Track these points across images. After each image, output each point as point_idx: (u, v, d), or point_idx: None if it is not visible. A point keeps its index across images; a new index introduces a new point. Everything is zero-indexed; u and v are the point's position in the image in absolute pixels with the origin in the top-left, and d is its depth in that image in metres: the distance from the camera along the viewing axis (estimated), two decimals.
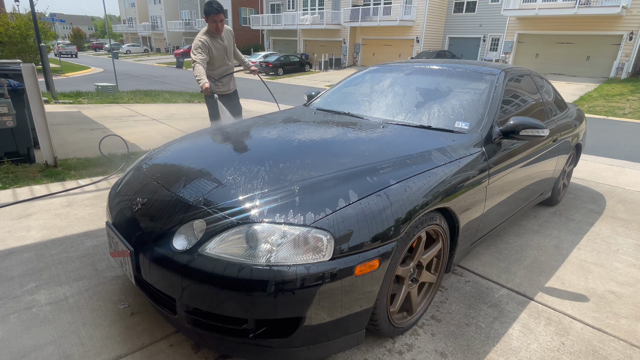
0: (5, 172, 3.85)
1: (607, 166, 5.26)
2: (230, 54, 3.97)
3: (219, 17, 3.61)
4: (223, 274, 1.37)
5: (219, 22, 3.62)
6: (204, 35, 3.69)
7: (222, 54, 3.83)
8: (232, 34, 3.96)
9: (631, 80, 16.42)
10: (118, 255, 1.74)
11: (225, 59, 3.90)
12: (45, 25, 20.52)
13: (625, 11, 17.06)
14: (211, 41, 3.70)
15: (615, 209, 3.68)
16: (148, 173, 1.97)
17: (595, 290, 2.37)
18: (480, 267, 2.57)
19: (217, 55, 3.80)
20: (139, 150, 4.97)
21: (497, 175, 2.25)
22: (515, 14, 19.77)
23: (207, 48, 3.65)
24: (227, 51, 3.87)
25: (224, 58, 3.87)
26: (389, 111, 2.62)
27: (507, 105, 2.59)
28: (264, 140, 2.19)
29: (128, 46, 48.54)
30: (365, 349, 1.81)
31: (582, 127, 3.81)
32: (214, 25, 3.62)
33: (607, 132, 8.25)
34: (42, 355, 1.68)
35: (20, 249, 2.52)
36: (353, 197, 1.56)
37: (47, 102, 8.49)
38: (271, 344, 1.45)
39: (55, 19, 19.04)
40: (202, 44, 3.64)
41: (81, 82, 16.45)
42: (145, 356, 1.70)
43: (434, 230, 1.91)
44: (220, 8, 3.60)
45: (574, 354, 1.83)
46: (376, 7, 24.87)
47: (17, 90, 4.09)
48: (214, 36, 3.73)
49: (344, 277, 1.43)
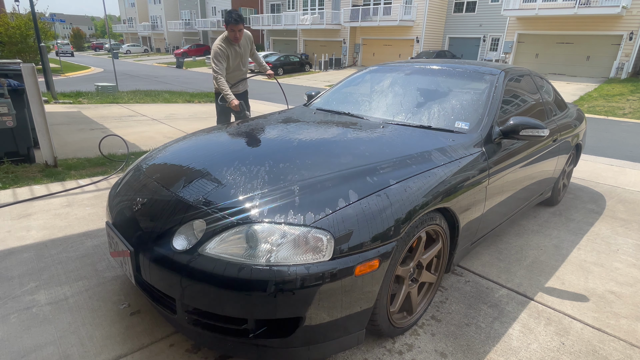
0: (5, 172, 3.85)
1: (607, 166, 5.26)
2: (246, 60, 4.07)
3: (238, 27, 3.69)
4: (223, 274, 1.37)
5: (237, 31, 3.71)
6: (223, 42, 3.76)
7: (237, 60, 3.94)
8: (250, 40, 4.03)
9: (631, 80, 16.42)
10: (118, 255, 1.74)
11: (240, 64, 4.00)
12: (45, 25, 20.52)
13: (625, 11, 17.06)
14: (229, 48, 3.79)
15: (615, 209, 3.68)
16: (148, 173, 1.97)
17: (595, 290, 2.37)
18: (480, 267, 2.57)
19: (233, 61, 3.91)
20: (139, 150, 4.97)
21: (497, 175, 2.25)
22: (515, 14, 19.77)
23: (225, 56, 3.75)
24: (242, 58, 3.98)
25: (239, 64, 3.98)
26: (389, 111, 2.62)
27: (507, 105, 2.59)
28: (264, 140, 2.19)
29: (128, 46, 48.55)
30: (365, 349, 1.81)
31: (582, 127, 3.80)
32: (233, 34, 3.71)
33: (607, 132, 8.25)
34: (42, 355, 1.68)
35: (20, 249, 2.52)
36: (353, 197, 1.56)
37: (47, 102, 8.49)
38: (271, 344, 1.45)
39: (55, 19, 19.03)
40: (221, 52, 3.73)
41: (81, 82, 16.45)
42: (145, 356, 1.70)
43: (434, 230, 1.91)
44: (239, 18, 3.67)
45: (574, 354, 1.83)
46: (376, 7, 24.87)
47: (17, 90, 4.09)
48: (232, 44, 3.81)
49: (344, 277, 1.43)
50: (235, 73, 4.01)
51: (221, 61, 3.71)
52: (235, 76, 4.03)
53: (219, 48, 3.71)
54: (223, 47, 3.73)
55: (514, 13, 19.76)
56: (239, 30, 3.71)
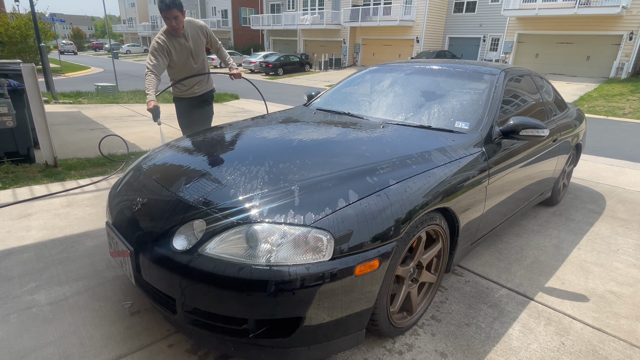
0: (5, 172, 3.85)
1: (607, 166, 5.26)
2: (199, 56, 3.40)
3: (171, 13, 3.01)
4: (223, 274, 1.37)
5: (172, 19, 3.04)
6: (162, 35, 3.15)
7: (185, 55, 3.27)
8: (202, 31, 3.35)
9: (631, 80, 16.41)
10: (118, 255, 1.74)
11: (191, 60, 3.33)
12: (45, 25, 20.53)
13: (625, 11, 17.06)
14: (170, 41, 3.16)
15: (615, 209, 3.68)
16: (148, 173, 1.97)
17: (595, 290, 2.37)
18: (480, 267, 2.57)
19: (179, 56, 3.24)
20: (139, 150, 4.97)
21: (497, 175, 2.25)
22: (515, 14, 19.77)
23: (164, 50, 3.14)
24: (192, 52, 3.31)
25: (188, 60, 3.31)
26: (389, 111, 2.62)
27: (507, 105, 2.59)
28: (264, 140, 2.19)
29: (128, 46, 48.53)
30: (365, 349, 1.81)
31: (582, 127, 3.80)
32: (169, 22, 3.07)
33: (607, 132, 8.25)
34: (42, 355, 1.68)
35: (20, 249, 2.52)
36: (353, 197, 1.56)
37: (47, 102, 8.49)
38: (271, 344, 1.45)
39: (55, 19, 19.04)
40: (158, 45, 3.11)
41: (81, 82, 16.45)
42: (145, 356, 1.70)
43: (434, 230, 1.91)
44: (171, 3, 2.99)
45: (574, 354, 1.83)
46: (376, 7, 24.87)
47: (17, 90, 4.09)
48: (174, 35, 3.17)
49: (344, 277, 1.43)
50: (184, 70, 3.34)
51: (157, 56, 3.08)
52: (183, 73, 3.36)
53: (156, 41, 3.11)
54: (161, 40, 3.12)
55: (514, 13, 19.76)
56: (174, 18, 3.03)
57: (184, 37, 3.22)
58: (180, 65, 3.31)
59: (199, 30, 3.33)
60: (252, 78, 21.51)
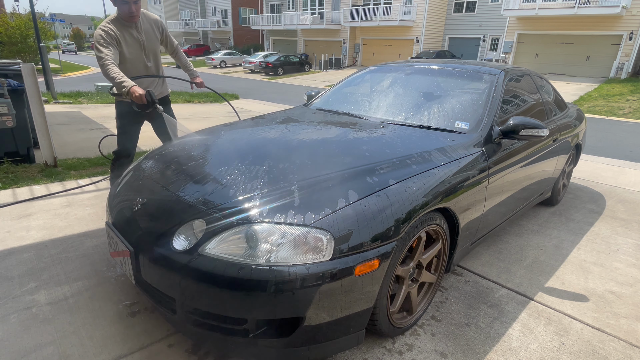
0: (5, 172, 3.85)
1: (607, 166, 5.26)
2: (153, 53, 2.88)
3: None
4: (223, 274, 1.37)
5: (132, 4, 2.56)
6: (109, 22, 2.63)
7: (136, 50, 2.75)
8: (157, 26, 2.88)
9: (631, 80, 16.42)
10: (118, 255, 1.74)
11: (143, 58, 2.81)
12: (45, 25, 20.53)
13: (625, 11, 17.06)
14: (120, 31, 2.63)
15: (615, 209, 3.68)
16: (148, 173, 1.97)
17: (595, 290, 2.37)
18: (480, 267, 2.57)
19: (130, 51, 2.71)
20: (139, 150, 4.97)
21: (497, 175, 2.25)
22: (515, 14, 19.77)
23: (114, 39, 2.60)
24: (145, 48, 2.80)
25: (139, 56, 2.78)
26: (389, 111, 2.62)
27: (507, 105, 2.59)
28: (264, 140, 2.19)
29: None
30: (365, 349, 1.81)
31: (582, 127, 3.81)
32: (127, 7, 2.56)
33: (607, 132, 8.25)
34: (42, 355, 1.68)
35: (20, 249, 2.52)
36: (353, 197, 1.56)
37: (47, 102, 8.48)
38: (271, 344, 1.45)
39: (55, 19, 19.05)
40: (106, 34, 2.55)
41: (81, 82, 16.44)
42: (145, 356, 1.70)
43: (434, 230, 1.91)
44: None
45: (574, 354, 1.83)
46: (376, 7, 24.87)
47: (17, 90, 4.09)
48: (125, 24, 2.67)
49: (344, 277, 1.43)
50: (135, 68, 2.79)
51: (107, 46, 2.54)
52: (134, 72, 2.79)
53: (102, 29, 2.57)
54: (108, 29, 2.58)
55: (513, 13, 19.76)
56: (133, 3, 2.56)
57: (136, 29, 2.73)
58: (131, 61, 2.76)
59: (154, 24, 2.86)
60: (252, 78, 21.51)
